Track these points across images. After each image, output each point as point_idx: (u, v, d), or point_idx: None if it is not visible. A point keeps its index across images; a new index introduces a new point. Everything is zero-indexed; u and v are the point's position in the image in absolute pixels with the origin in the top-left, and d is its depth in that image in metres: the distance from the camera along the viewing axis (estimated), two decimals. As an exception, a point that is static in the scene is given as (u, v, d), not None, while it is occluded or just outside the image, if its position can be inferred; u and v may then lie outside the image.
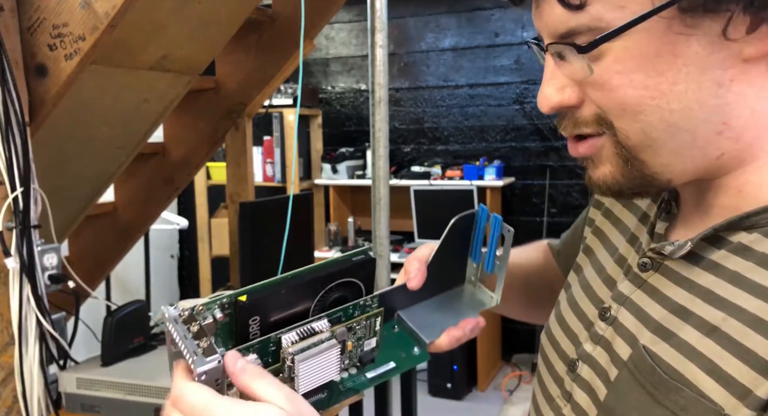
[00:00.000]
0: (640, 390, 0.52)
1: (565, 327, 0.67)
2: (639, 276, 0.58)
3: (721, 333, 0.48)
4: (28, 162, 1.27)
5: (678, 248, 0.53)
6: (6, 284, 1.28)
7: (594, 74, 0.51)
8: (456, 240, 0.67)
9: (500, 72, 3.94)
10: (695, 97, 0.50)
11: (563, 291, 0.72)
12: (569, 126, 0.56)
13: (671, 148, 0.52)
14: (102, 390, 1.42)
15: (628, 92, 0.51)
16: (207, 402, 0.46)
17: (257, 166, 3.93)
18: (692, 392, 0.48)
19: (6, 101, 1.23)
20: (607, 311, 0.60)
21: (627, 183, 0.55)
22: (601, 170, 0.56)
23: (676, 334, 0.51)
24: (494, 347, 3.91)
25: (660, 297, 0.55)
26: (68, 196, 1.77)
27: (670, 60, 0.49)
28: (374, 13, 2.31)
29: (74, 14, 1.25)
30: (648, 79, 0.50)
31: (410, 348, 0.65)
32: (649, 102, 0.50)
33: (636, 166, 0.53)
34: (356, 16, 4.25)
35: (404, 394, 2.07)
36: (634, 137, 0.52)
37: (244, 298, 0.52)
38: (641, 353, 0.53)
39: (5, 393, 1.30)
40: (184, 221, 3.70)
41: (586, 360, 0.60)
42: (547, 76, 0.55)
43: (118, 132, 1.74)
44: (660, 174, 0.53)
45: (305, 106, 4.04)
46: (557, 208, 3.90)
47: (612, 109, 0.52)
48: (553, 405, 0.64)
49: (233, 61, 2.21)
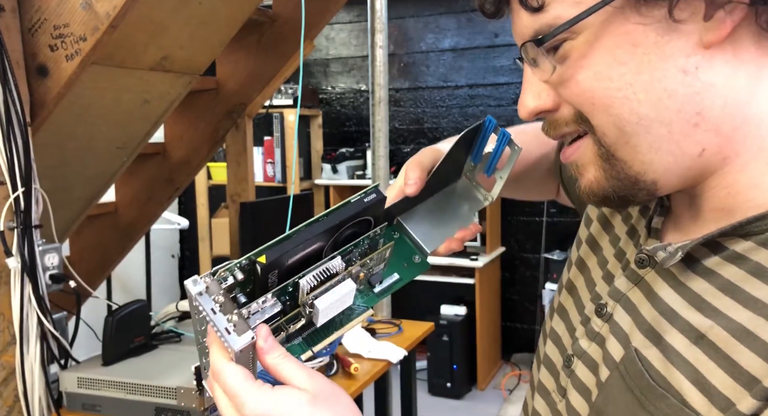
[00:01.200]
0: (628, 394, 0.52)
1: (566, 319, 0.67)
2: (636, 272, 0.58)
3: (707, 342, 0.48)
4: (29, 162, 1.28)
5: (669, 256, 0.53)
6: (7, 284, 1.29)
7: (562, 73, 0.53)
8: (460, 150, 0.68)
9: (500, 72, 3.95)
10: (662, 86, 0.50)
11: (567, 273, 0.72)
12: (551, 129, 0.57)
13: (648, 143, 0.51)
14: (103, 389, 1.42)
15: (593, 85, 0.51)
16: (240, 387, 0.50)
17: (258, 166, 3.93)
18: (676, 400, 0.48)
19: (7, 101, 1.24)
20: (604, 307, 0.60)
21: (611, 187, 0.54)
22: (587, 177, 0.56)
23: (664, 338, 0.51)
24: (494, 346, 3.91)
25: (653, 297, 0.55)
26: (69, 196, 1.78)
27: (629, 50, 0.50)
28: (374, 14, 2.32)
29: (75, 15, 1.25)
30: (611, 70, 0.50)
31: (411, 256, 0.66)
32: (616, 94, 0.51)
33: (617, 166, 0.53)
34: (356, 16, 4.26)
35: (404, 393, 2.08)
36: (609, 133, 0.52)
37: (264, 259, 0.53)
38: (633, 356, 0.53)
39: (7, 392, 1.31)
40: (185, 221, 3.70)
41: (581, 357, 0.60)
42: (525, 86, 0.56)
43: (118, 132, 1.75)
44: (643, 174, 0.53)
45: (305, 106, 4.05)
46: (556, 207, 3.90)
47: (583, 105, 0.53)
48: (549, 399, 0.64)
49: (234, 62, 2.21)
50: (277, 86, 2.27)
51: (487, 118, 0.67)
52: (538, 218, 3.93)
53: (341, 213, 0.57)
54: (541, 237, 3.86)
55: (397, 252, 0.65)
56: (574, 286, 0.68)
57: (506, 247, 3.97)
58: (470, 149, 0.68)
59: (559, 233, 3.88)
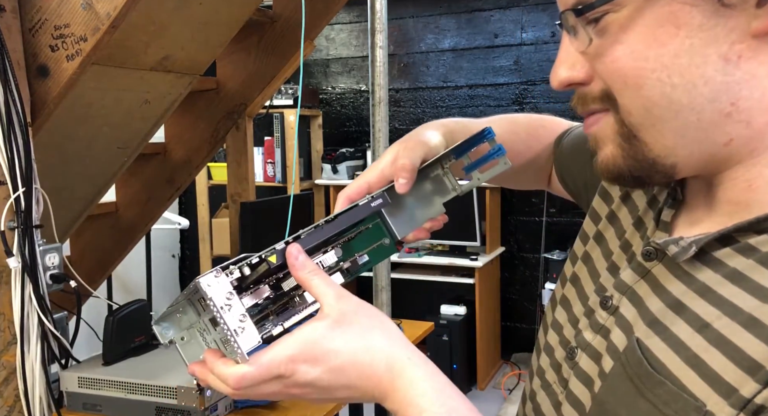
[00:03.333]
0: (628, 383, 0.51)
1: (569, 310, 0.66)
2: (642, 265, 0.57)
3: (712, 330, 0.47)
4: (30, 162, 1.28)
5: (683, 251, 0.51)
6: (8, 283, 1.29)
7: (599, 46, 0.51)
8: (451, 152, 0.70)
9: (499, 73, 3.95)
10: (699, 72, 0.48)
11: (570, 265, 0.71)
12: (579, 103, 0.56)
13: (674, 128, 0.50)
14: (103, 389, 1.43)
15: (628, 63, 0.50)
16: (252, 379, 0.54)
17: (258, 166, 3.94)
18: (675, 386, 0.48)
19: (8, 102, 1.24)
20: (609, 300, 0.59)
21: (628, 166, 0.53)
22: (604, 152, 0.55)
23: (669, 328, 0.51)
24: (494, 346, 3.91)
25: (660, 289, 0.54)
26: (70, 196, 1.78)
27: (672, 31, 0.48)
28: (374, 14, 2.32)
29: (76, 15, 1.25)
30: (648, 50, 0.49)
31: (382, 239, 0.68)
32: (650, 75, 0.49)
33: (637, 147, 0.52)
34: (356, 17, 4.26)
35: (404, 393, 2.08)
36: (635, 113, 0.51)
37: (274, 259, 0.58)
38: (633, 345, 0.52)
39: (7, 392, 1.31)
40: (186, 221, 3.71)
41: (585, 349, 0.59)
42: (560, 54, 0.55)
43: (119, 132, 1.75)
44: (663, 158, 0.51)
45: (306, 106, 4.05)
46: (556, 207, 3.90)
47: (614, 82, 0.51)
48: (549, 390, 0.64)
49: (234, 62, 2.21)
50: (278, 86, 2.28)
51: (488, 128, 0.68)
52: (537, 218, 3.93)
53: (349, 216, 0.62)
54: (540, 237, 3.86)
55: (370, 235, 0.68)
56: (577, 278, 0.67)
57: (506, 247, 3.98)
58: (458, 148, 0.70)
59: (558, 233, 3.88)
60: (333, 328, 0.55)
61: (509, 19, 3.93)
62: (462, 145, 0.69)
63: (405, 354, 0.56)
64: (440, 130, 0.75)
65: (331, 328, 0.55)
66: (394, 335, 0.57)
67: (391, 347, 0.56)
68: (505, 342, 4.03)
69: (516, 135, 0.87)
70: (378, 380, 0.55)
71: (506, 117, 0.89)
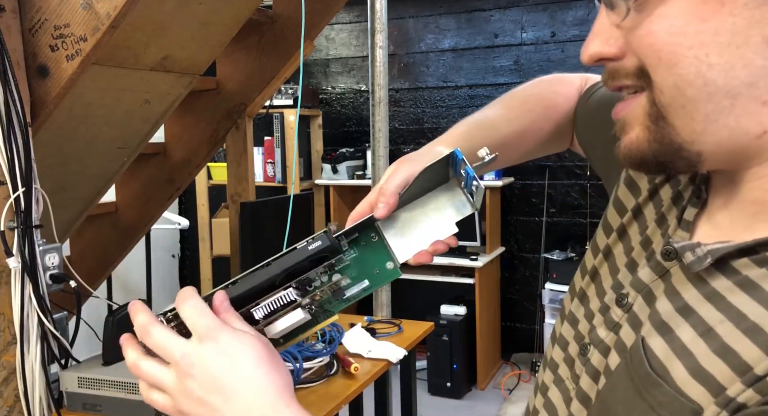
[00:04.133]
0: (628, 381, 0.51)
1: (586, 305, 0.65)
2: (661, 264, 0.55)
3: (714, 335, 0.47)
4: (29, 162, 1.28)
5: (697, 261, 0.50)
6: (8, 284, 1.29)
7: (637, 18, 0.49)
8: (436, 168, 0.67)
9: (499, 73, 3.95)
10: (739, 53, 0.45)
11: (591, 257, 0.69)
12: (610, 79, 0.54)
13: (706, 112, 0.47)
14: (103, 389, 1.43)
15: (664, 38, 0.48)
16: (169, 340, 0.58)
17: (258, 166, 3.94)
18: (671, 389, 0.47)
19: (8, 101, 1.24)
20: (625, 297, 0.58)
21: (653, 150, 0.51)
22: (629, 136, 0.53)
23: (674, 331, 0.50)
24: (494, 346, 3.91)
25: (673, 291, 0.53)
26: (70, 196, 1.78)
27: (715, 7, 0.46)
28: (374, 14, 2.32)
29: (76, 15, 1.25)
30: (688, 26, 0.47)
31: (385, 262, 0.66)
32: (686, 52, 0.47)
33: (665, 129, 0.50)
34: (356, 17, 4.26)
35: (404, 393, 2.08)
36: (667, 92, 0.49)
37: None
38: (638, 344, 0.52)
39: (7, 392, 1.31)
40: (185, 221, 3.71)
41: (598, 346, 0.59)
42: (594, 28, 0.53)
43: (119, 132, 1.75)
44: (690, 143, 0.49)
45: (306, 106, 4.05)
46: (556, 207, 3.90)
47: (648, 57, 0.49)
48: (562, 387, 0.63)
49: (234, 62, 2.21)
50: (278, 86, 2.28)
51: (455, 150, 0.65)
52: (537, 218, 3.93)
53: (285, 260, 0.60)
54: (540, 237, 3.86)
55: (372, 257, 0.65)
56: (597, 273, 0.66)
57: (506, 247, 3.97)
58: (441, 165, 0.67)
59: (558, 233, 3.88)
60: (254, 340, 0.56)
61: (509, 19, 3.93)
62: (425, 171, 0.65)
63: (280, 397, 0.56)
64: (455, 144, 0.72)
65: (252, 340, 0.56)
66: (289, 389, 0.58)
67: (267, 386, 0.56)
68: (505, 342, 4.03)
69: (533, 112, 0.84)
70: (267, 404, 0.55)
71: (517, 95, 0.87)
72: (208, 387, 0.55)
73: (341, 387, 1.58)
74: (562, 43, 3.83)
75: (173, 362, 0.57)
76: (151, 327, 0.59)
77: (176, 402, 0.57)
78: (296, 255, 0.61)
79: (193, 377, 0.55)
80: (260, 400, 0.54)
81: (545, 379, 0.67)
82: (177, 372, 0.56)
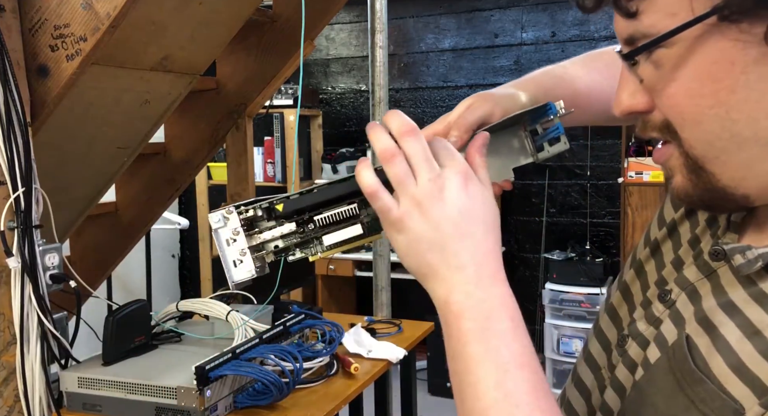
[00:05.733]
0: (670, 376, 0.52)
1: (629, 300, 0.66)
2: (709, 264, 0.56)
3: (761, 338, 0.48)
4: (29, 162, 1.28)
5: (747, 264, 0.51)
6: (8, 284, 1.29)
7: (656, 79, 0.51)
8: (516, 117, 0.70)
9: (500, 73, 3.95)
10: (759, 106, 0.47)
11: (642, 249, 0.71)
12: (641, 129, 0.56)
13: (741, 160, 0.49)
14: (103, 389, 1.43)
15: (684, 100, 0.50)
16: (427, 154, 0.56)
17: (258, 166, 3.94)
18: (714, 385, 0.48)
19: (8, 101, 1.24)
20: (668, 294, 0.59)
21: (698, 195, 0.53)
22: (676, 179, 0.55)
23: (718, 329, 0.51)
24: (494, 347, 3.91)
25: (719, 290, 0.54)
26: (70, 196, 1.78)
27: (726, 67, 0.47)
28: (374, 14, 2.32)
29: (76, 15, 1.25)
30: (703, 88, 0.48)
31: None
32: (708, 111, 0.49)
33: (704, 177, 0.51)
34: (356, 16, 4.26)
35: (404, 393, 2.08)
36: (699, 147, 0.50)
37: (281, 208, 0.62)
38: (682, 341, 0.53)
39: (7, 392, 1.31)
40: (185, 221, 3.70)
41: (636, 338, 0.60)
42: (621, 82, 0.55)
43: (119, 132, 1.75)
44: (733, 188, 0.51)
45: (306, 106, 4.05)
46: (556, 207, 3.90)
47: (673, 117, 0.51)
48: (598, 375, 0.64)
49: (234, 62, 2.21)
50: (278, 86, 2.28)
51: (550, 103, 0.68)
52: (538, 218, 3.93)
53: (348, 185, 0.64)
54: (541, 237, 3.86)
55: None
56: (642, 268, 0.67)
57: (506, 247, 3.97)
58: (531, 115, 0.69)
59: (559, 233, 3.88)
60: (465, 186, 0.56)
61: (509, 18, 3.93)
62: (525, 115, 0.69)
63: (499, 266, 0.56)
64: (530, 91, 0.74)
65: (464, 187, 0.56)
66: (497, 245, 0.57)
67: (495, 249, 0.56)
68: (505, 342, 4.03)
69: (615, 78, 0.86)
70: (486, 262, 0.55)
71: (601, 57, 0.87)
72: (450, 216, 0.55)
73: (341, 387, 1.58)
74: (563, 43, 3.83)
75: (428, 177, 0.55)
76: (420, 135, 0.57)
77: (406, 217, 0.55)
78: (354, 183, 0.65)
79: (442, 201, 0.55)
80: (481, 260, 0.55)
81: (580, 368, 0.68)
82: (427, 187, 0.55)
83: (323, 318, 1.74)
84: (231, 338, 1.56)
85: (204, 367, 1.31)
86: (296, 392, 1.47)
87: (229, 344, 1.49)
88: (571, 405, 0.67)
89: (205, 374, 1.31)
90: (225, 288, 2.01)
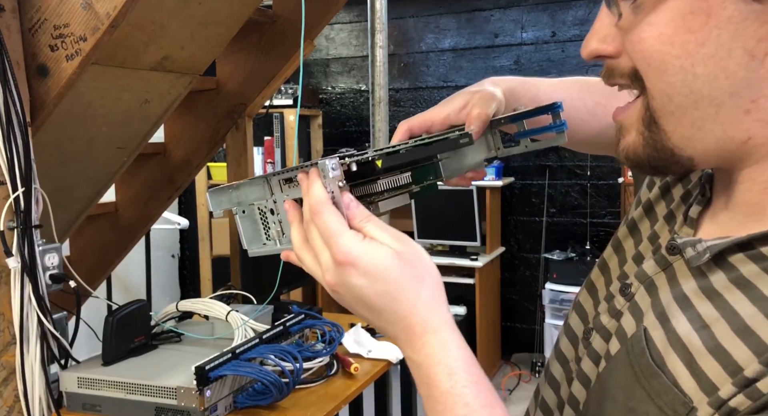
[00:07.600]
0: (629, 368, 0.53)
1: (594, 295, 0.67)
2: (665, 258, 0.58)
3: (709, 332, 0.49)
4: (29, 162, 1.28)
5: (697, 256, 0.53)
6: (7, 284, 1.29)
7: (632, 22, 0.51)
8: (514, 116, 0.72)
9: (500, 72, 3.95)
10: (722, 65, 0.48)
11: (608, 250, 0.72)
12: (606, 75, 0.56)
13: (693, 119, 0.50)
14: (103, 389, 1.43)
15: (654, 46, 0.50)
16: (337, 228, 0.55)
17: (258, 166, 3.93)
18: (668, 380, 0.49)
19: (7, 101, 1.24)
20: (629, 287, 0.60)
21: (647, 155, 0.54)
22: (626, 139, 0.56)
23: (671, 322, 0.52)
24: (494, 346, 3.91)
25: (674, 283, 0.55)
26: (69, 196, 1.78)
27: (702, 19, 0.48)
28: (374, 14, 2.32)
29: (75, 15, 1.25)
30: (676, 36, 0.49)
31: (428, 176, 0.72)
32: (674, 61, 0.49)
33: (657, 134, 0.52)
34: (356, 16, 4.26)
35: (404, 393, 2.08)
36: (657, 98, 0.51)
37: (380, 164, 0.63)
38: (640, 334, 0.54)
39: (7, 392, 1.31)
40: (185, 221, 3.70)
41: (600, 331, 0.61)
42: (594, 26, 0.55)
43: (119, 132, 1.75)
44: (681, 149, 0.52)
45: (305, 106, 4.05)
46: (556, 207, 3.90)
47: (639, 62, 0.52)
48: (566, 367, 0.66)
49: (234, 62, 2.21)
50: (277, 86, 2.27)
51: (558, 103, 0.70)
52: (537, 218, 3.93)
53: (439, 147, 0.67)
54: (540, 237, 3.86)
55: (427, 170, 0.72)
56: (607, 265, 0.69)
57: (506, 247, 3.97)
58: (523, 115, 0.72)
59: (558, 233, 3.88)
60: (394, 257, 0.55)
61: (509, 18, 3.92)
62: (527, 113, 0.71)
63: (444, 316, 0.56)
64: (501, 88, 0.76)
65: (392, 257, 0.55)
66: (439, 295, 0.57)
67: (434, 303, 0.56)
68: (505, 342, 4.03)
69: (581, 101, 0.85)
70: (409, 325, 0.55)
71: (578, 79, 0.88)
72: (359, 300, 0.56)
73: (341, 387, 1.58)
74: (563, 42, 3.83)
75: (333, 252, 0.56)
76: (325, 208, 0.57)
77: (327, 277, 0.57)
78: (449, 144, 0.68)
79: (345, 291, 0.56)
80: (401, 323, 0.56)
81: (551, 364, 0.70)
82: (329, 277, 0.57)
83: (323, 318, 1.74)
84: (231, 338, 1.56)
85: (204, 367, 1.31)
86: (296, 392, 1.47)
87: (229, 344, 1.49)
88: (544, 401, 0.69)
89: (205, 374, 1.31)
90: (225, 288, 2.00)
